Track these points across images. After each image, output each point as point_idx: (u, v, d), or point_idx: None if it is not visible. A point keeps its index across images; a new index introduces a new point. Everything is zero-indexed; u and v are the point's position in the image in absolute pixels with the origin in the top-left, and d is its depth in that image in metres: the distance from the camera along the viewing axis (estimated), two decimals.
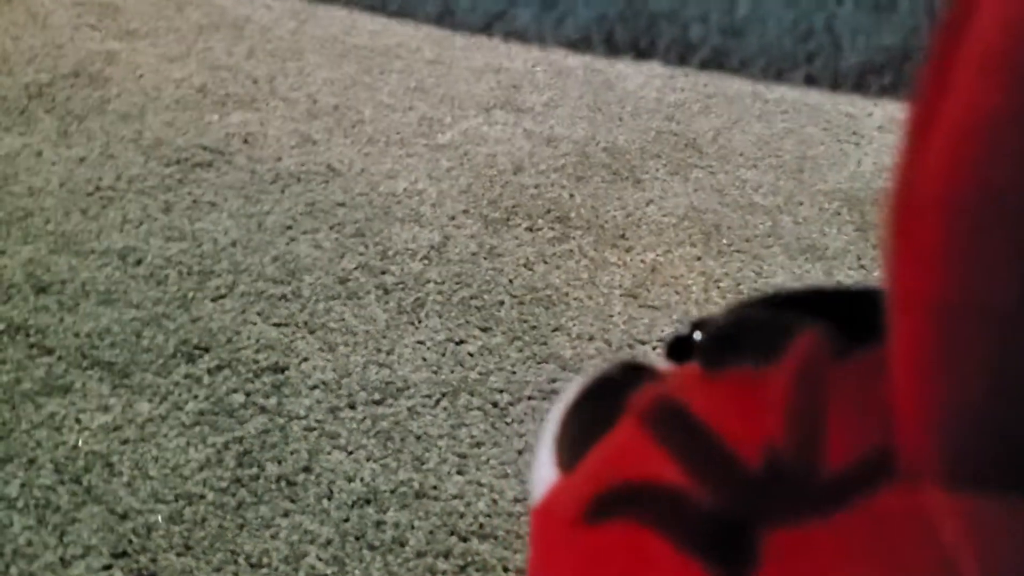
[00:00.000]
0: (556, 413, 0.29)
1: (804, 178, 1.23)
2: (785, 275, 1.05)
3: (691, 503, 0.20)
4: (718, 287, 1.02)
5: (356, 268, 0.99)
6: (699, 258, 1.07)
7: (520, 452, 0.79)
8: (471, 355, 0.89)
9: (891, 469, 0.20)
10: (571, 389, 0.29)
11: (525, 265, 1.02)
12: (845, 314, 0.21)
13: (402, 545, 0.71)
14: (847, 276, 1.06)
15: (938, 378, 0.19)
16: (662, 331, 0.95)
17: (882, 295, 0.21)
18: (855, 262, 1.08)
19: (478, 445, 0.79)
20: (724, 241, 1.10)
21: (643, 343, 0.93)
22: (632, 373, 0.27)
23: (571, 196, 1.15)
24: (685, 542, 0.20)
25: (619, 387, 0.26)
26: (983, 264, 0.17)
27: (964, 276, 0.17)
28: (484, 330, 0.92)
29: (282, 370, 0.85)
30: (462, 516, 0.73)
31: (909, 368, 0.19)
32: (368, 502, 0.74)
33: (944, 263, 0.18)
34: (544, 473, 0.27)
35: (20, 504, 0.70)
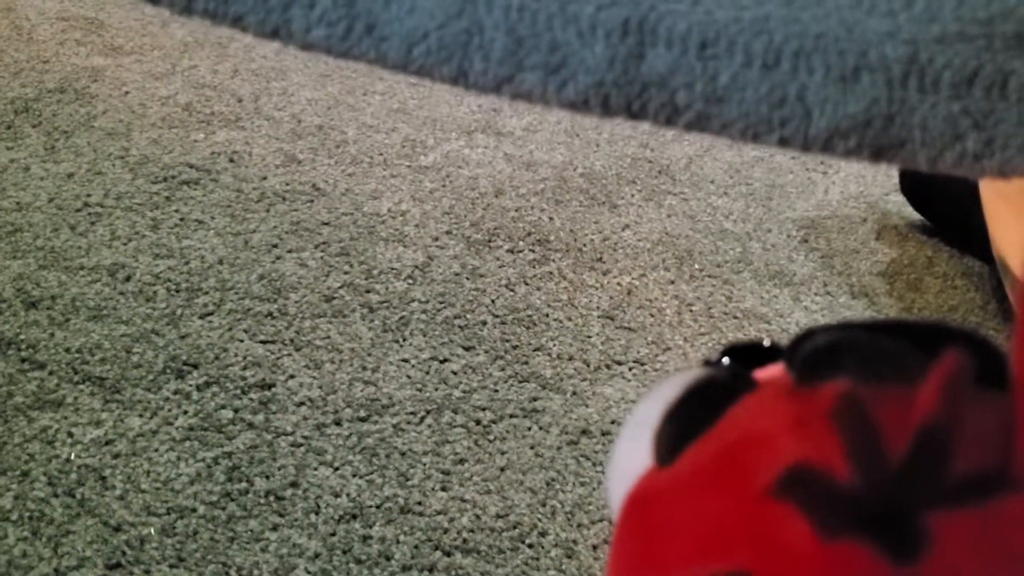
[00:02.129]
0: (653, 408, 0.31)
1: (773, 206, 1.28)
2: (754, 300, 1.09)
3: (850, 490, 0.23)
4: (691, 310, 1.06)
5: (341, 287, 1.01)
6: (672, 282, 1.10)
7: (502, 469, 0.82)
8: (455, 373, 0.92)
9: (1008, 482, 0.24)
10: (669, 386, 0.31)
11: (507, 286, 1.05)
12: (927, 344, 0.25)
13: (388, 559, 0.73)
14: (813, 302, 1.10)
15: None
16: (638, 352, 0.98)
17: (947, 329, 0.25)
18: (821, 288, 1.13)
19: (461, 462, 0.82)
20: (696, 266, 1.13)
21: (620, 363, 0.97)
22: (736, 379, 0.30)
23: (550, 219, 1.18)
24: (844, 528, 0.23)
25: (724, 390, 0.29)
26: None
27: None
28: (467, 349, 0.95)
29: (269, 387, 0.87)
30: (446, 531, 0.76)
31: None
32: (354, 517, 0.76)
33: None
34: (638, 462, 0.30)
35: (15, 516, 0.72)
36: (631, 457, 0.31)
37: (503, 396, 0.90)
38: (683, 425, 0.29)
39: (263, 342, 0.92)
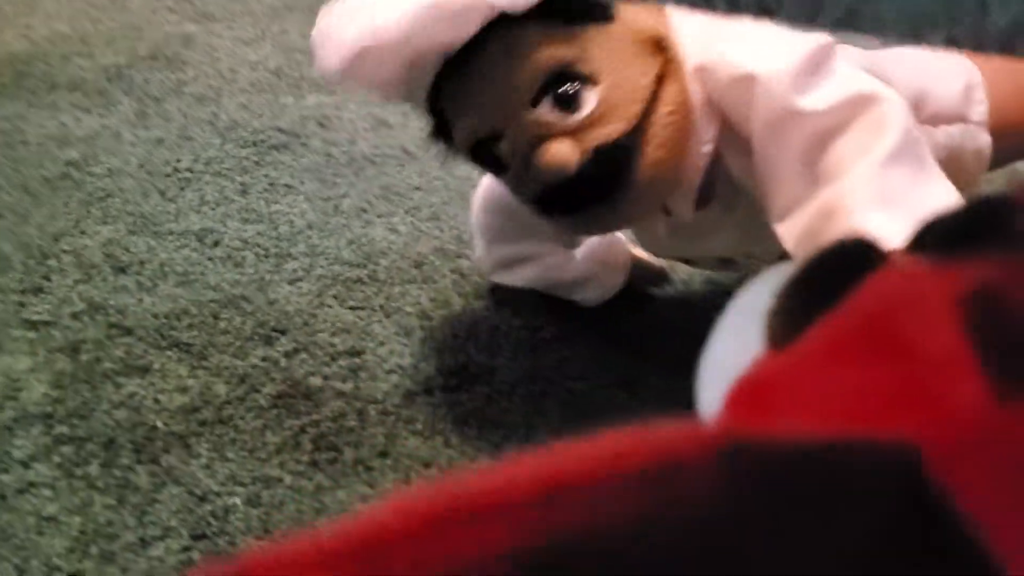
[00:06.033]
0: (760, 294, 0.27)
1: None
2: None
3: None
4: None
5: (431, 252, 0.98)
6: None
7: None
8: (548, 342, 0.87)
9: None
10: (778, 274, 0.28)
11: None
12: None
13: None
14: None
15: None
16: None
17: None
18: None
19: (555, 432, 0.78)
20: None
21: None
22: (865, 251, 0.26)
23: None
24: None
25: (851, 264, 0.25)
26: None
27: None
28: (562, 317, 0.90)
29: (359, 354, 0.84)
30: None
31: None
32: None
33: None
34: (739, 356, 0.26)
35: (100, 484, 0.70)
36: (730, 351, 0.26)
37: (600, 366, 0.85)
38: (805, 302, 0.24)
39: (352, 308, 0.89)
